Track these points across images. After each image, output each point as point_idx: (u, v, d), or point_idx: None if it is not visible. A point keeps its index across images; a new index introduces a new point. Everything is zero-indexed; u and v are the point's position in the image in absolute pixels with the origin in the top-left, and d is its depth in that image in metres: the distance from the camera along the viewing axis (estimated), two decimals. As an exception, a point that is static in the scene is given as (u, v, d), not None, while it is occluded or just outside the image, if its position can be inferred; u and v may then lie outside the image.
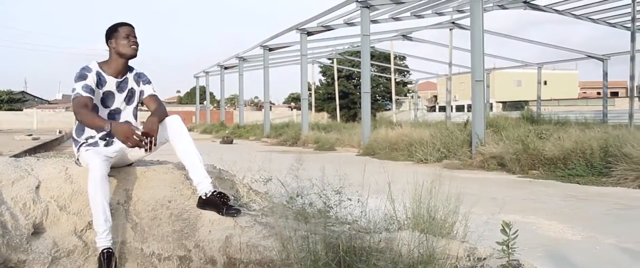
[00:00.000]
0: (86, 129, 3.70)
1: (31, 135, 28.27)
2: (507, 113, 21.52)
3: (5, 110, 57.86)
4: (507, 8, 21.63)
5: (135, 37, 3.76)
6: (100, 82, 3.70)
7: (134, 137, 3.41)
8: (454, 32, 27.81)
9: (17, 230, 3.26)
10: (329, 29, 23.38)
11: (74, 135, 3.78)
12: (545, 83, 42.65)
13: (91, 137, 3.72)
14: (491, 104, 42.37)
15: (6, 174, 3.58)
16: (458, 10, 22.61)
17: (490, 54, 30.37)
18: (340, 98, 43.03)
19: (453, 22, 26.13)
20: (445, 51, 31.00)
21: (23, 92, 75.13)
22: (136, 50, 3.76)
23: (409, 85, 55.55)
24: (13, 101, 65.97)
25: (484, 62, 12.94)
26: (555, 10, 21.70)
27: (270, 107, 36.27)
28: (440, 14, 22.86)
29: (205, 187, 3.53)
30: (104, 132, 3.67)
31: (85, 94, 3.57)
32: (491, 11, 21.55)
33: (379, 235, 3.12)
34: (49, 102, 78.59)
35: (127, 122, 3.70)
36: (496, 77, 50.63)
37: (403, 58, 50.11)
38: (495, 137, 12.06)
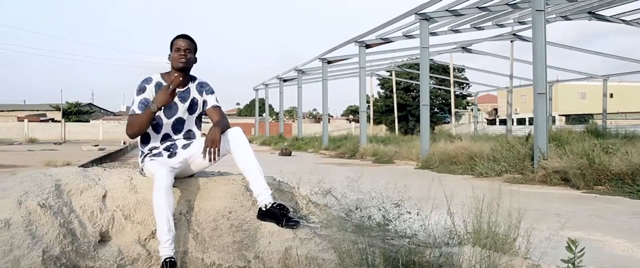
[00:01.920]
0: (151, 140, 3.81)
1: (97, 145, 29.26)
2: (571, 126, 20.90)
3: (74, 121, 59.92)
4: (570, 19, 21.11)
5: (185, 51, 3.83)
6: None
7: (171, 95, 3.59)
8: (515, 44, 27.32)
9: (85, 237, 3.38)
10: (387, 41, 23.30)
11: (139, 146, 3.89)
12: (611, 95, 41.31)
13: (155, 148, 3.82)
14: (554, 117, 41.30)
15: (75, 183, 3.71)
16: (519, 22, 22.22)
17: (552, 66, 29.71)
18: (398, 110, 42.77)
19: (514, 34, 25.68)
20: (505, 63, 30.47)
21: (90, 104, 77.59)
22: (184, 63, 3.82)
23: (468, 98, 54.74)
24: (81, 113, 68.29)
25: (547, 74, 12.64)
26: (623, 21, 21.03)
27: (329, 119, 36.39)
28: (501, 26, 22.51)
29: (265, 198, 3.57)
30: (169, 143, 3.78)
31: (139, 111, 3.71)
32: (554, 22, 21.08)
33: (439, 249, 3.08)
34: (114, 114, 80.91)
35: (162, 88, 3.74)
36: (559, 90, 49.34)
37: (462, 70, 49.50)
38: (558, 151, 11.73)
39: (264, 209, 3.55)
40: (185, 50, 3.82)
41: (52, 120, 61.10)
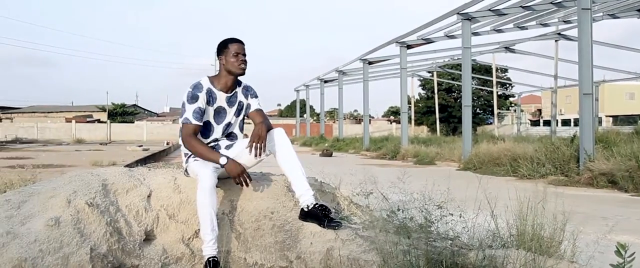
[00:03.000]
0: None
1: (141, 146, 29.83)
2: (619, 127, 20.42)
3: (119, 122, 61.14)
4: (618, 17, 20.60)
5: (244, 55, 3.84)
6: (211, 99, 3.83)
7: (242, 177, 3.58)
8: (559, 43, 26.83)
9: (130, 236, 3.45)
10: (429, 41, 23.14)
11: (183, 147, 3.94)
12: (660, 96, 40.15)
13: (199, 149, 3.86)
14: (600, 118, 40.41)
15: (121, 183, 3.79)
16: (564, 21, 21.78)
17: (599, 66, 29.06)
18: (440, 111, 42.43)
19: (559, 33, 25.20)
20: (550, 63, 30.01)
21: (134, 105, 79.04)
22: (244, 69, 3.85)
23: (511, 99, 53.95)
24: (126, 114, 69.68)
25: (593, 74, 12.37)
26: (673, 19, 20.44)
27: (370, 120, 36.26)
28: (545, 25, 22.11)
29: (307, 199, 3.58)
30: (213, 144, 3.83)
31: (194, 122, 3.72)
32: (600, 21, 20.61)
33: (483, 252, 3.04)
34: (157, 115, 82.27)
35: (238, 163, 3.70)
36: (606, 90, 48.22)
37: (505, 70, 48.82)
38: (605, 153, 11.46)
39: (306, 210, 3.56)
40: (244, 55, 3.84)
41: (98, 121, 62.50)
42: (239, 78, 3.97)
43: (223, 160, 3.58)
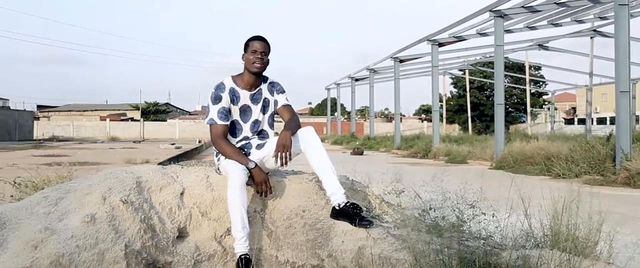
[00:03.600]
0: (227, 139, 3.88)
1: (174, 144, 30.16)
2: (657, 126, 20.02)
3: (152, 120, 61.90)
4: (656, 13, 20.17)
5: (262, 53, 3.84)
6: (235, 98, 3.87)
7: (264, 186, 3.64)
8: (595, 40, 26.33)
9: (164, 233, 3.48)
10: (460, 39, 22.95)
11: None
12: (701, 93, 39.17)
13: (231, 147, 3.88)
14: (637, 116, 39.58)
15: (155, 181, 3.83)
16: (600, 17, 21.39)
17: (636, 63, 28.44)
18: (471, 110, 42.04)
19: (594, 30, 24.75)
20: (585, 60, 29.46)
21: (167, 103, 79.96)
22: (259, 68, 3.84)
23: (544, 97, 53.19)
24: (159, 112, 70.56)
25: (630, 72, 12.13)
26: None
27: (401, 118, 36.12)
28: (580, 22, 21.74)
29: (338, 197, 3.57)
30: (244, 142, 3.86)
31: (220, 122, 3.78)
32: (638, 17, 20.18)
33: (516, 252, 3.00)
34: (189, 113, 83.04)
35: (263, 173, 3.75)
36: (643, 88, 47.17)
37: (538, 68, 48.15)
38: (642, 152, 11.23)
39: (337, 208, 3.56)
40: (261, 53, 3.84)
41: (132, 119, 63.42)
42: (265, 74, 3.99)
43: (251, 165, 3.63)
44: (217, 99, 3.81)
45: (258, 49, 3.83)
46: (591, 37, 26.00)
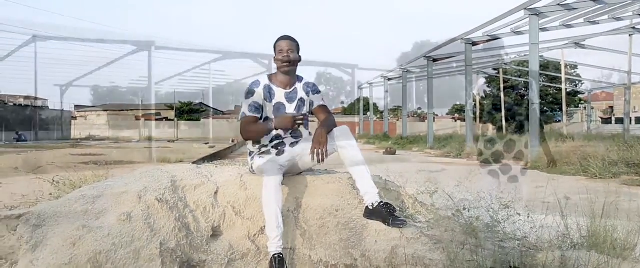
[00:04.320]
0: (261, 139, 3.90)
1: (208, 143, 30.41)
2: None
3: (186, 120, 62.52)
4: (699, 9, 19.65)
5: (288, 52, 3.90)
6: (269, 95, 3.90)
7: (296, 121, 3.74)
8: (634, 38, 25.76)
9: (198, 232, 3.52)
10: (495, 38, 22.67)
11: (249, 145, 4.00)
12: None
13: (264, 146, 3.91)
14: (678, 115, 38.65)
15: (189, 180, 3.88)
16: (639, 15, 20.93)
17: (677, 61, 27.80)
18: (506, 110, 41.51)
19: (633, 28, 24.22)
20: (622, 59, 28.86)
21: (201, 103, 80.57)
22: (285, 66, 3.91)
23: (580, 96, 52.28)
24: (193, 112, 71.14)
25: (671, 70, 11.84)
26: None
27: (434, 118, 35.86)
28: (618, 19, 21.29)
29: (372, 197, 3.57)
30: (277, 141, 3.87)
31: (250, 114, 3.84)
32: (679, 14, 19.71)
33: (553, 253, 2.96)
34: (223, 113, 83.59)
35: (284, 114, 3.90)
36: (684, 86, 46.09)
37: (574, 67, 47.32)
38: (683, 152, 10.96)
39: (370, 208, 3.55)
40: (287, 51, 3.90)
41: (166, 118, 64.10)
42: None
43: (271, 125, 3.76)
44: (249, 93, 3.87)
45: (284, 48, 3.91)
46: (630, 35, 25.42)
